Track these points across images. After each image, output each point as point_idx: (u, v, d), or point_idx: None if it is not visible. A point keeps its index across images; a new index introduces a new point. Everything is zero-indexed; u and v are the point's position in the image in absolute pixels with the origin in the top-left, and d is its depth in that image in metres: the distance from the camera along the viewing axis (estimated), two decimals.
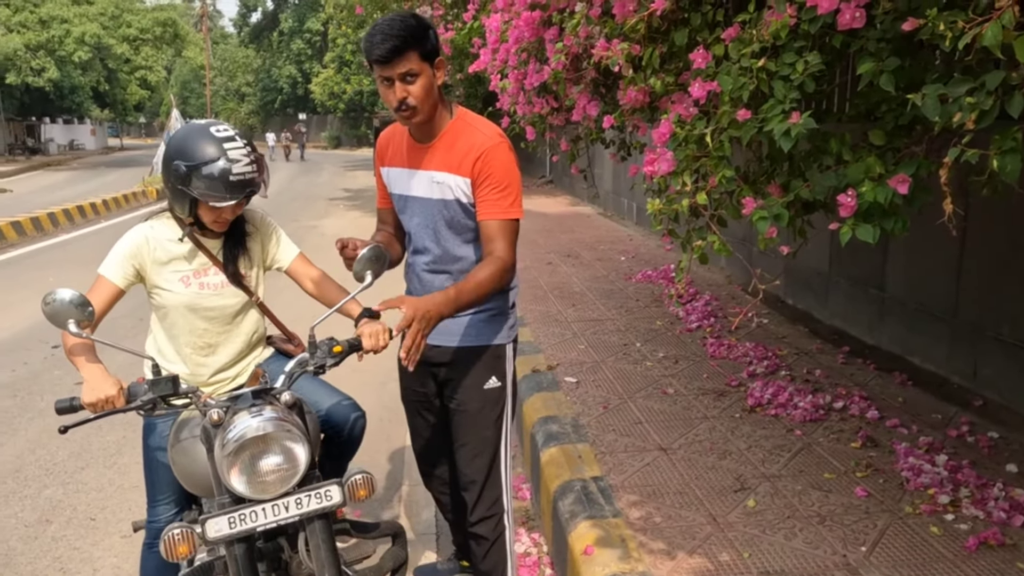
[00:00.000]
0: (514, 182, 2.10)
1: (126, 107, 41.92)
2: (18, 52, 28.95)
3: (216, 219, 2.09)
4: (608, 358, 4.54)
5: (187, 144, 2.00)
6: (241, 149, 2.00)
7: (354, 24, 16.12)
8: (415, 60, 1.97)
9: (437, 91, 2.07)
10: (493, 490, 2.38)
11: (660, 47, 2.33)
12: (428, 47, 1.99)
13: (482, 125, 2.16)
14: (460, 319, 2.23)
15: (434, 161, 2.15)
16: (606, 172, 11.88)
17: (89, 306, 1.79)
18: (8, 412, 4.62)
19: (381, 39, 1.94)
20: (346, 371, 2.38)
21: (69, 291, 1.76)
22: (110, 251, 2.13)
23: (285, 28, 48.47)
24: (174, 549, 1.66)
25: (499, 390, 2.32)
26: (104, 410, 1.82)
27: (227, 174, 1.95)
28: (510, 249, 2.09)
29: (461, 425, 2.34)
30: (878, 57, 1.76)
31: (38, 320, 6.62)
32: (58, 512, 3.45)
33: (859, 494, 2.83)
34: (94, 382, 1.84)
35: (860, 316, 4.76)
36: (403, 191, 2.27)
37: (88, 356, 1.93)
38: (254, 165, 2.02)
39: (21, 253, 10.61)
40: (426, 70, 2.01)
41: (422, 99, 2.02)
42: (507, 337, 2.33)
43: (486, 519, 2.38)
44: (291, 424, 1.72)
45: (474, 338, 2.27)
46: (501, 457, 2.38)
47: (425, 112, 2.06)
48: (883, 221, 1.78)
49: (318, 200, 16.99)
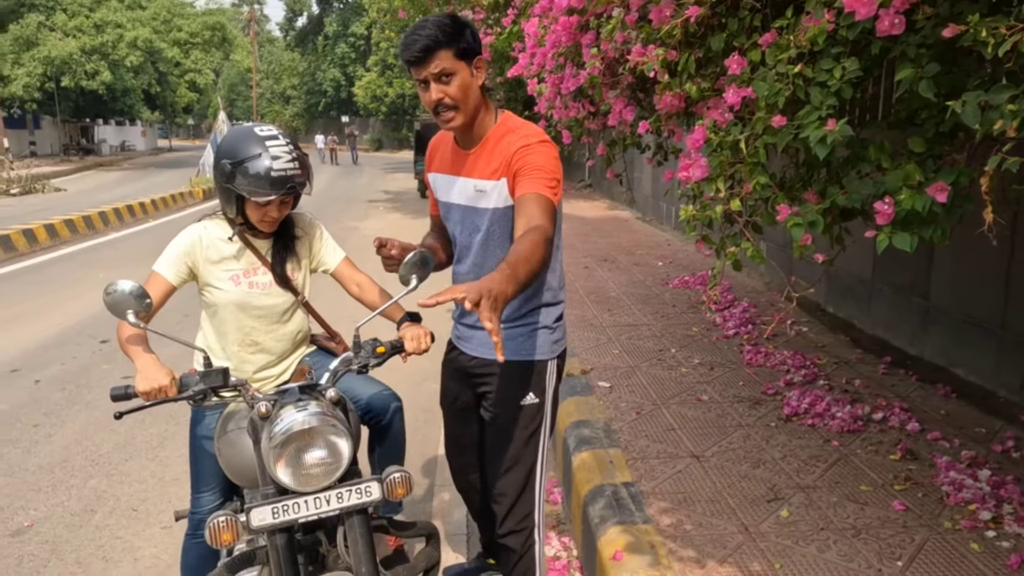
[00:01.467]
0: (554, 170, 1.98)
1: (175, 109, 43.05)
2: (74, 56, 29.92)
3: (263, 218, 2.13)
4: (642, 363, 4.51)
5: (233, 144, 2.08)
6: (283, 147, 2.06)
7: (397, 28, 16.31)
8: (448, 59, 1.93)
9: (478, 92, 2.02)
10: (524, 507, 2.31)
11: (696, 52, 2.32)
12: (463, 45, 1.94)
13: (525, 129, 2.08)
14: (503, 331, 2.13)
15: (476, 168, 2.10)
16: (645, 177, 11.81)
17: (147, 298, 1.85)
18: (57, 404, 4.79)
19: (413, 40, 1.93)
20: (383, 372, 2.42)
21: (129, 283, 1.83)
22: (165, 249, 2.21)
23: (330, 32, 49.25)
24: (218, 536, 1.70)
25: (536, 407, 2.24)
26: (156, 399, 1.88)
27: (269, 170, 2.01)
28: (549, 222, 1.88)
29: (495, 439, 2.29)
30: (918, 63, 1.73)
31: (88, 315, 6.88)
32: (102, 502, 3.56)
33: (897, 507, 2.77)
34: (148, 372, 1.91)
35: (903, 325, 4.65)
36: (447, 198, 2.23)
37: (143, 347, 2.01)
38: (296, 163, 2.07)
39: (73, 250, 10.96)
40: (462, 68, 1.96)
41: (460, 99, 1.97)
42: (549, 352, 2.24)
43: (515, 532, 2.33)
44: (335, 419, 1.77)
45: (514, 352, 2.19)
46: (536, 474, 2.30)
47: (467, 113, 2.00)
48: (921, 229, 1.74)
49: (359, 202, 17.21)
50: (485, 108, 2.07)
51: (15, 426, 4.45)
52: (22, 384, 5.16)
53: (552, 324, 2.24)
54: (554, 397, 2.30)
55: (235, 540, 1.73)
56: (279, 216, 2.16)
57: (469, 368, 2.33)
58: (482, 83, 2.02)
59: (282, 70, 57.20)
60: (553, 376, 2.28)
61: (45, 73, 29.79)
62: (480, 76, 2.00)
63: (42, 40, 29.90)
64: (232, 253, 2.22)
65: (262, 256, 2.24)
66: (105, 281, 1.85)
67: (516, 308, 2.18)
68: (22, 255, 10.45)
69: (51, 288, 8.25)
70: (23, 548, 3.17)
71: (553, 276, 2.22)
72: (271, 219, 2.15)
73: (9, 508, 3.51)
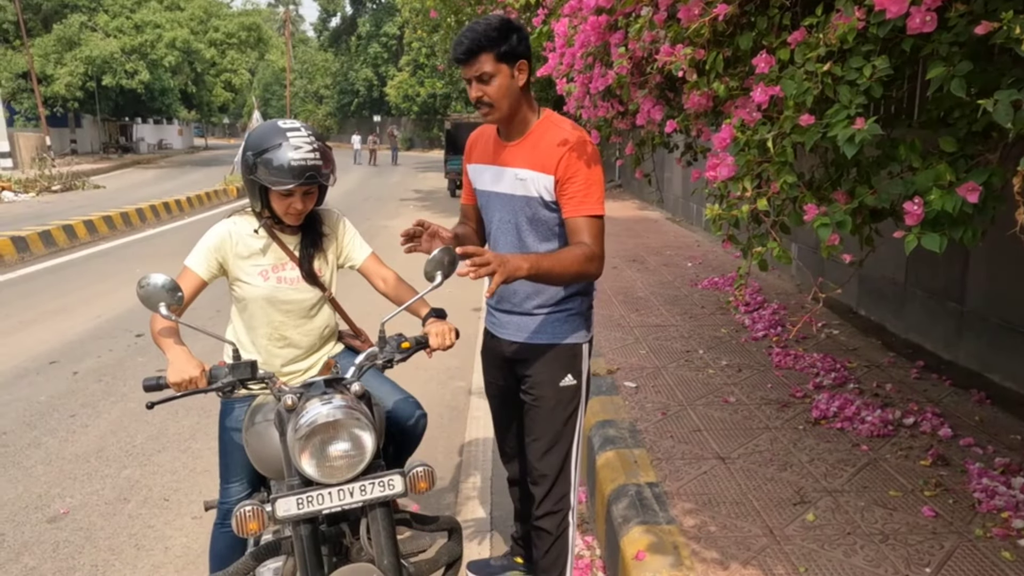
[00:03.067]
0: (597, 180, 2.15)
1: (211, 108, 43.77)
2: (114, 56, 30.57)
3: (287, 210, 2.15)
4: (669, 364, 4.49)
5: (256, 136, 2.12)
6: (304, 137, 2.08)
7: (428, 28, 16.42)
8: (489, 62, 2.06)
9: (519, 91, 2.13)
10: (562, 486, 2.42)
11: (724, 51, 2.30)
12: (505, 49, 2.06)
13: (567, 125, 2.21)
14: (538, 317, 2.33)
15: (519, 159, 2.22)
16: (675, 177, 11.73)
17: (179, 291, 1.90)
18: (93, 395, 4.91)
19: (460, 41, 2.08)
20: (410, 368, 2.45)
21: (162, 276, 1.88)
22: (196, 244, 2.25)
23: (363, 32, 49.72)
24: (244, 524, 1.74)
25: (574, 388, 2.37)
26: (187, 390, 1.93)
27: (288, 160, 2.04)
28: (597, 241, 2.13)
29: (536, 420, 2.40)
30: (949, 61, 1.70)
31: (124, 310, 7.04)
32: (135, 491, 3.64)
33: (926, 514, 2.73)
34: (178, 363, 1.96)
35: (937, 329, 4.57)
36: (487, 187, 2.34)
37: (174, 339, 2.06)
38: (316, 153, 2.08)
39: (111, 246, 11.22)
40: (503, 71, 2.08)
41: (497, 98, 2.11)
42: (584, 337, 2.39)
43: (552, 513, 2.43)
44: (360, 413, 1.79)
45: (551, 336, 2.34)
46: (573, 455, 2.42)
47: (503, 111, 2.14)
48: (952, 230, 1.72)
49: (390, 201, 17.34)
50: (528, 105, 2.20)
51: (53, 416, 4.57)
52: (61, 375, 5.30)
53: (585, 311, 2.40)
54: (588, 379, 2.45)
55: (261, 529, 1.76)
56: (303, 208, 2.17)
57: (508, 354, 2.44)
58: (525, 83, 2.13)
59: (315, 70, 57.87)
60: (587, 359, 2.42)
61: (86, 72, 30.48)
62: (522, 77, 2.12)
63: (84, 40, 30.60)
64: (260, 248, 2.25)
65: (290, 251, 2.27)
66: (142, 275, 1.90)
67: (555, 294, 2.31)
68: (62, 250, 10.72)
69: (89, 282, 8.45)
70: (59, 534, 3.26)
71: None
72: (295, 211, 2.15)
73: (47, 495, 3.61)
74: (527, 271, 1.93)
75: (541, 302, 2.33)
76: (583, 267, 2.08)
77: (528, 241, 2.28)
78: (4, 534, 3.27)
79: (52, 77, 30.11)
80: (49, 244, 10.67)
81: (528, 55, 2.12)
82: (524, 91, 2.16)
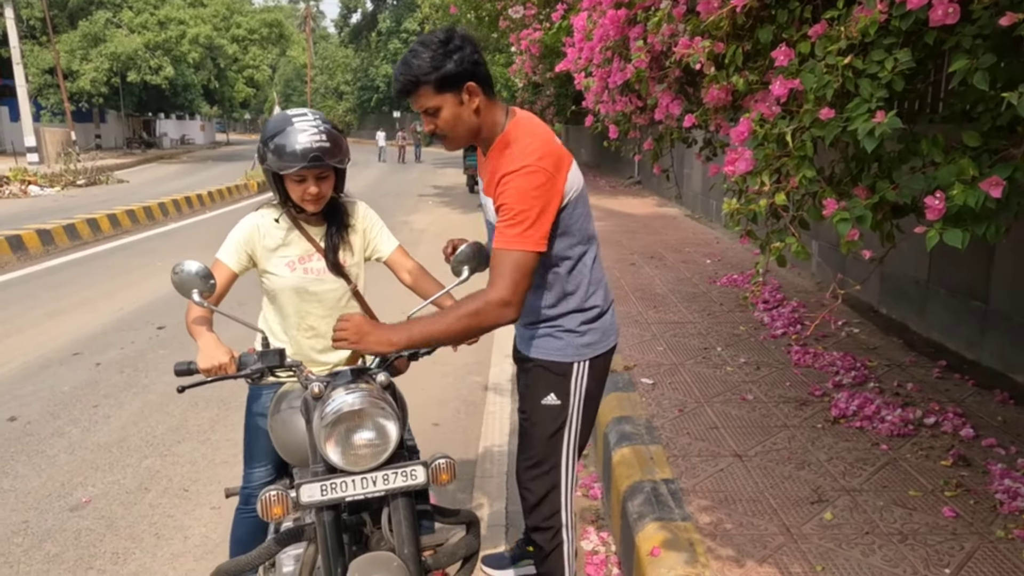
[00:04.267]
0: (528, 209, 1.88)
1: (233, 104, 44.13)
2: (139, 52, 30.91)
3: (303, 196, 2.16)
4: (687, 361, 4.47)
5: (266, 126, 2.18)
6: (309, 122, 2.11)
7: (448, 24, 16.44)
8: (429, 95, 1.90)
9: (472, 115, 1.95)
10: (549, 506, 2.31)
11: (744, 45, 2.29)
12: (441, 77, 1.87)
13: (520, 145, 1.95)
14: (532, 330, 2.22)
15: (484, 179, 2.09)
16: (694, 173, 11.65)
17: (211, 279, 1.95)
18: (116, 387, 4.97)
19: (396, 77, 1.94)
20: (427, 364, 2.46)
21: (195, 263, 1.92)
22: (226, 238, 2.30)
23: (383, 28, 49.83)
24: (269, 509, 1.78)
25: (558, 408, 2.21)
26: (216, 375, 1.97)
27: (294, 143, 2.07)
28: (504, 284, 1.87)
29: (523, 433, 2.34)
30: (973, 54, 1.67)
31: (145, 303, 7.12)
32: (155, 481, 3.69)
33: (946, 514, 2.69)
34: (209, 350, 2.00)
35: (960, 329, 4.50)
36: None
37: (206, 327, 2.11)
38: (323, 136, 2.10)
39: (133, 240, 11.35)
40: (447, 100, 1.91)
41: (449, 129, 1.97)
42: (574, 355, 2.18)
43: (541, 529, 2.35)
44: (384, 403, 1.81)
45: (538, 351, 2.22)
46: (562, 476, 2.29)
47: (462, 138, 2.00)
48: (974, 226, 1.69)
49: (409, 196, 17.40)
50: (492, 122, 2.00)
51: (76, 406, 4.64)
52: (84, 367, 5.38)
53: (578, 328, 2.18)
54: (584, 401, 2.24)
55: (285, 514, 1.79)
56: (319, 193, 2.17)
57: (517, 362, 2.40)
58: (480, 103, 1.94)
59: (336, 66, 58.12)
60: (581, 379, 2.21)
61: (111, 68, 30.84)
62: (473, 101, 1.93)
63: (109, 37, 30.96)
64: (287, 240, 2.29)
65: (315, 243, 2.30)
66: (163, 270, 1.94)
67: (540, 311, 2.17)
68: (86, 243, 10.86)
69: (112, 275, 8.56)
70: (81, 523, 3.31)
71: (578, 287, 2.16)
72: (312, 196, 2.16)
73: (69, 484, 3.67)
74: (396, 344, 1.83)
75: (532, 318, 2.20)
76: (473, 321, 1.87)
77: None
78: (28, 521, 3.33)
79: (78, 73, 30.50)
80: (73, 237, 10.83)
81: (476, 73, 1.91)
82: (483, 111, 1.96)
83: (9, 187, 17.11)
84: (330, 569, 1.84)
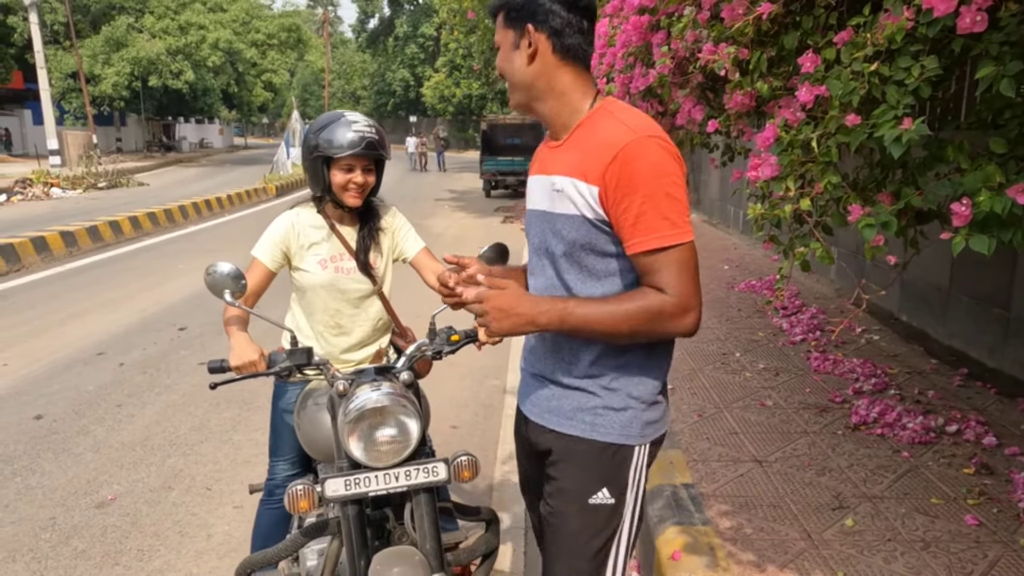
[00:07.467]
0: (668, 192, 1.42)
1: (251, 108, 44.58)
2: (160, 56, 31.33)
3: (347, 184, 2.23)
4: (705, 367, 4.47)
5: (317, 121, 2.29)
6: (361, 117, 2.25)
7: (465, 29, 16.53)
8: (500, 26, 1.57)
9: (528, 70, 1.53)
10: None
11: (768, 51, 2.30)
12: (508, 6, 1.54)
13: (628, 116, 1.50)
14: (572, 396, 1.60)
15: (558, 163, 1.56)
16: (712, 179, 11.63)
17: (243, 279, 2.00)
18: (139, 387, 5.04)
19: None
20: (445, 367, 2.48)
21: (228, 265, 1.97)
22: (262, 236, 2.36)
23: (400, 33, 50.14)
24: (296, 502, 1.82)
25: (610, 508, 1.59)
26: (247, 372, 2.03)
27: (347, 131, 2.18)
28: (683, 283, 1.44)
29: (552, 541, 1.67)
30: (1000, 61, 1.68)
31: (167, 304, 7.21)
32: (179, 480, 3.74)
33: (969, 522, 2.68)
34: (240, 348, 2.06)
35: (982, 336, 4.47)
36: (527, 203, 1.72)
37: (239, 326, 2.18)
38: (373, 129, 2.23)
39: (155, 242, 11.49)
40: (507, 38, 1.55)
41: (506, 76, 1.59)
42: (639, 436, 1.59)
43: None
44: (407, 400, 1.85)
45: (588, 426, 1.58)
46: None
47: (518, 96, 1.59)
48: (1000, 232, 1.69)
49: (425, 200, 17.47)
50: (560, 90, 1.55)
51: (101, 406, 4.70)
52: (107, 367, 5.45)
53: (649, 398, 1.59)
54: (639, 497, 1.65)
55: (311, 507, 1.84)
56: (363, 183, 2.25)
57: (530, 438, 1.73)
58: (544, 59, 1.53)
59: (353, 71, 58.57)
60: (641, 468, 1.62)
61: (133, 73, 31.27)
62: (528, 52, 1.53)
63: (131, 41, 31.39)
64: (320, 239, 2.35)
65: (347, 243, 2.36)
66: (184, 272, 1.98)
67: (583, 363, 1.58)
68: (108, 245, 11.00)
69: (134, 277, 8.66)
70: (106, 520, 3.36)
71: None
72: (356, 186, 2.24)
73: (95, 481, 3.72)
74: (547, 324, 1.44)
75: (570, 372, 1.60)
76: (643, 323, 1.44)
77: (568, 279, 1.56)
78: (55, 518, 3.38)
79: (100, 77, 30.95)
80: (96, 239, 10.97)
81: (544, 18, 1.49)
82: (546, 72, 1.53)
83: (32, 189, 17.38)
84: (354, 562, 1.88)
